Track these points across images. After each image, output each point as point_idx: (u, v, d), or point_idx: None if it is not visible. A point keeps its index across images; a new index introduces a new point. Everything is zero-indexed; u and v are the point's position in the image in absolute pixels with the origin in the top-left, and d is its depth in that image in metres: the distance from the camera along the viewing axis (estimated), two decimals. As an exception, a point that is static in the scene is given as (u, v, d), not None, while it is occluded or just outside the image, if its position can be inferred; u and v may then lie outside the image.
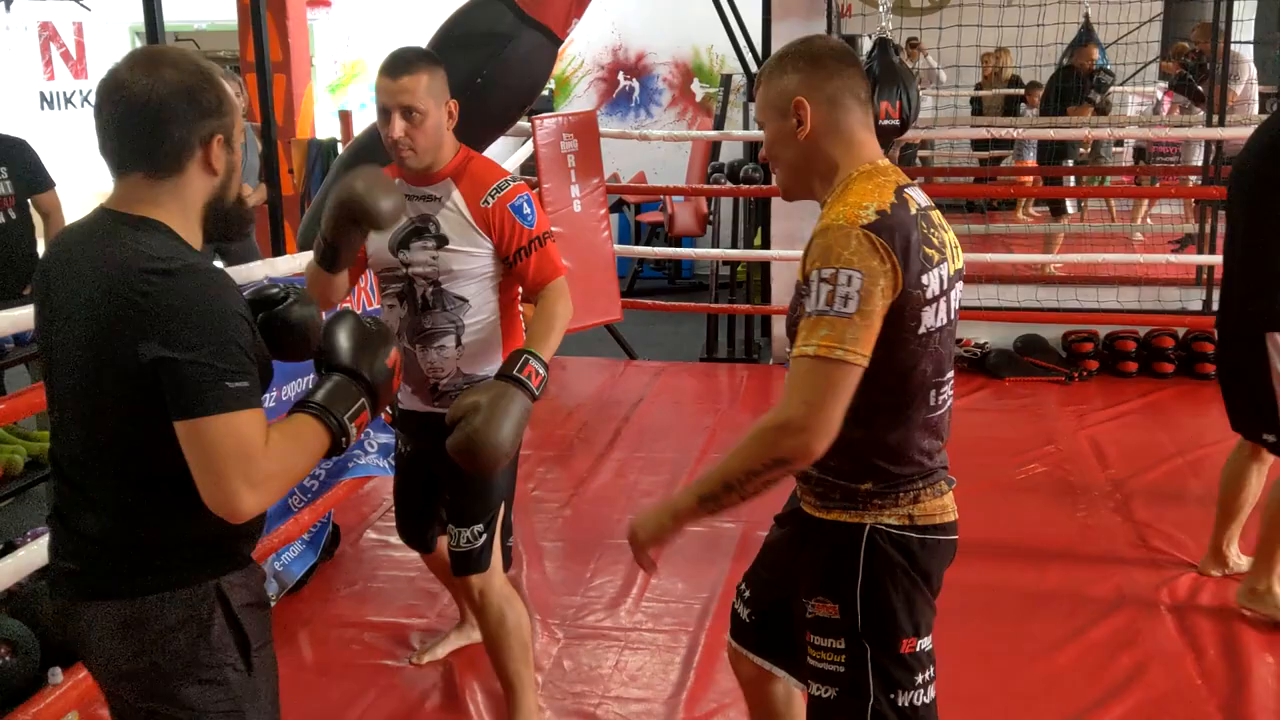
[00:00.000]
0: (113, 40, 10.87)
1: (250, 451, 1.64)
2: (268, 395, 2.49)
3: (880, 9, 5.76)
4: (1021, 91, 10.09)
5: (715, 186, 7.74)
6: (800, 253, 1.94)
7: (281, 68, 7.22)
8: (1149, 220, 9.01)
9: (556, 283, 2.80)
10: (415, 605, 3.86)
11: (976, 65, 9.95)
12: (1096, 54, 8.28)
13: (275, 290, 1.89)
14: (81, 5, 10.74)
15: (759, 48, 7.04)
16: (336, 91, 11.00)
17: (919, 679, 2.00)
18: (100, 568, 1.75)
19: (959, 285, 1.99)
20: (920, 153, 10.81)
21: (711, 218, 9.19)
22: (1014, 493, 4.78)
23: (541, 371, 2.61)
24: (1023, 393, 6.24)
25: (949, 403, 2.01)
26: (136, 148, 1.73)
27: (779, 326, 6.88)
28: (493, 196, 2.75)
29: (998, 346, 6.68)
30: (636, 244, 10.14)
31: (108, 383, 1.67)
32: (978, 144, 10.71)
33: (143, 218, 1.72)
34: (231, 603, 1.77)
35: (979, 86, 10.69)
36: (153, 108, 1.70)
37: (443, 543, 3.24)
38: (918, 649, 2.00)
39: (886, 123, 5.34)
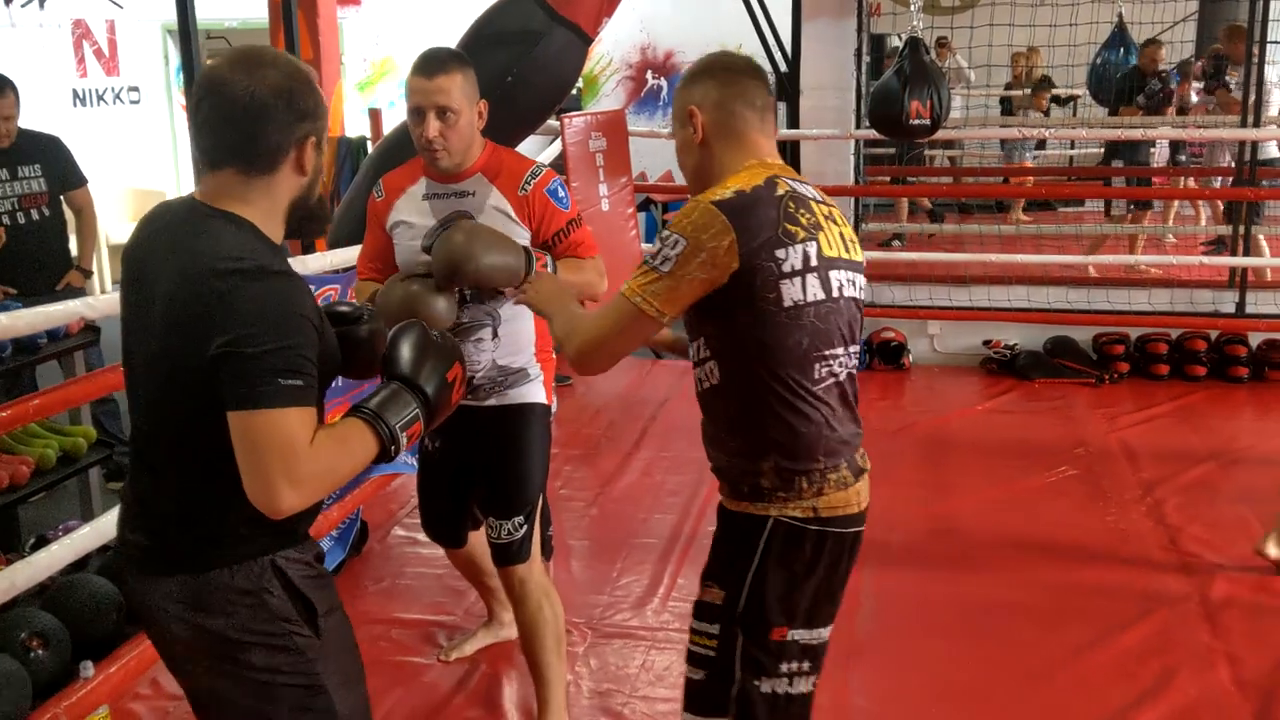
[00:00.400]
0: (145, 38, 10.95)
1: (293, 448, 1.66)
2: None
3: (911, 8, 5.71)
4: (1055, 91, 10.01)
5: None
6: None
7: (312, 65, 7.25)
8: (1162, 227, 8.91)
9: (595, 259, 2.89)
10: (442, 602, 3.87)
11: (1007, 65, 9.88)
12: (1163, 55, 8.23)
13: (347, 308, 1.95)
14: (114, 3, 10.82)
15: (788, 47, 6.99)
16: (365, 90, 11.04)
17: (784, 668, 2.07)
18: (169, 544, 1.82)
19: (852, 274, 2.08)
20: (949, 152, 10.75)
21: (739, 217, 9.15)
22: (1044, 495, 4.75)
23: (548, 272, 2.69)
24: (1053, 395, 6.20)
25: (839, 378, 2.07)
26: (233, 146, 1.77)
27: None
28: (529, 183, 2.79)
29: (1028, 348, 6.64)
30: (663, 243, 10.11)
31: (177, 373, 1.73)
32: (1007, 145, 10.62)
33: (230, 214, 1.78)
34: (289, 575, 1.83)
35: (1009, 86, 10.62)
36: (253, 108, 1.74)
37: (474, 537, 3.25)
38: (788, 638, 2.06)
39: (917, 122, 5.30)
